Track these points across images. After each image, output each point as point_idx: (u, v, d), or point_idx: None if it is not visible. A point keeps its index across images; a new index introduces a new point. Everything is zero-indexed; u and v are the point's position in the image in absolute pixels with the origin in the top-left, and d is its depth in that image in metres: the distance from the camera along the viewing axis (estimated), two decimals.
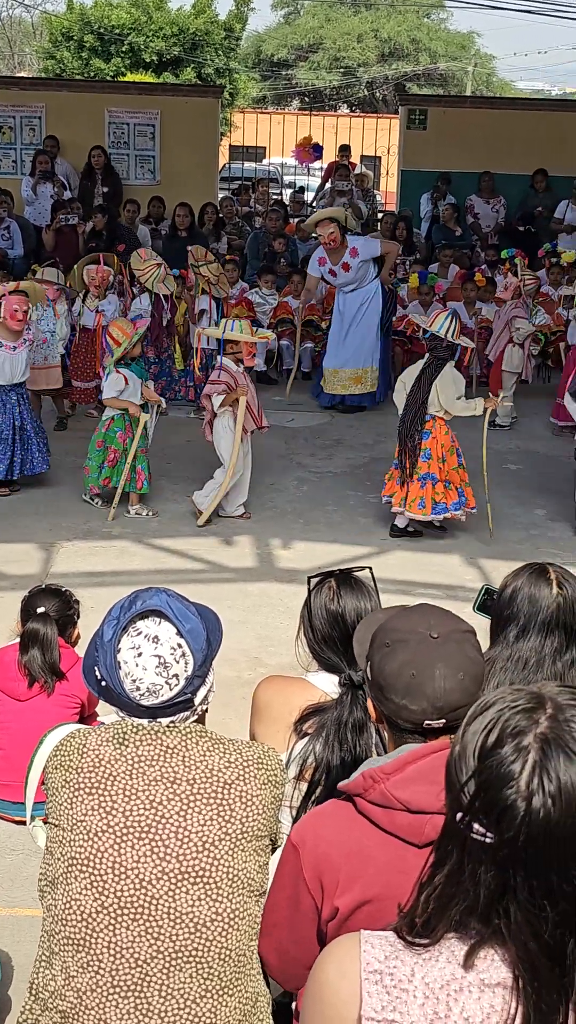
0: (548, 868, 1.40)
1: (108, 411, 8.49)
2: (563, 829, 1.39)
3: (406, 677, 2.19)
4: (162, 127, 16.44)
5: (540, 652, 3.16)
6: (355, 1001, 1.50)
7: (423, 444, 7.98)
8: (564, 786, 1.40)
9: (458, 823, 1.48)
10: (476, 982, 1.45)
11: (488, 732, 1.47)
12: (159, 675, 2.37)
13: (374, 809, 2.13)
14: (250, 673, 6.04)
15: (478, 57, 44.38)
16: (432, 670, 2.17)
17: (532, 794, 1.41)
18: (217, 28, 31.30)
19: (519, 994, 1.42)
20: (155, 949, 2.28)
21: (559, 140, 15.80)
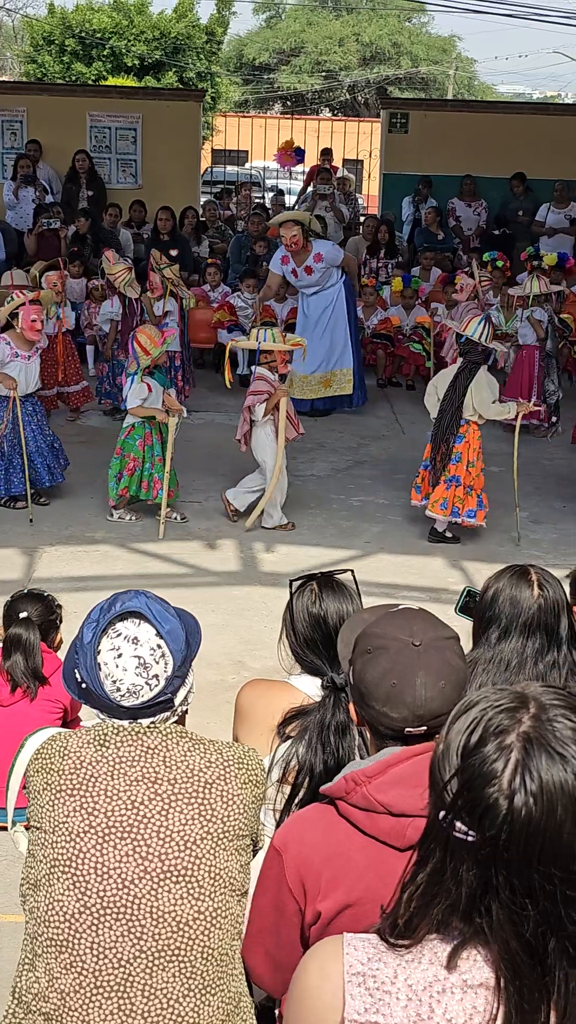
0: (530, 867, 1.40)
1: (128, 418, 8.39)
2: (544, 828, 1.40)
3: (387, 686, 2.18)
4: (144, 131, 16.43)
5: (522, 653, 3.18)
6: (338, 1003, 1.50)
7: (456, 448, 8.09)
8: (546, 785, 1.40)
9: (441, 821, 1.48)
10: (459, 983, 1.46)
11: (471, 731, 1.48)
12: (139, 676, 2.38)
13: (356, 812, 2.13)
14: (234, 677, 6.04)
15: (459, 61, 44.49)
16: (413, 679, 2.16)
17: (514, 793, 1.41)
18: (199, 32, 31.33)
19: (501, 994, 1.42)
20: (138, 949, 2.29)
21: (540, 143, 15.85)
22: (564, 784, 1.40)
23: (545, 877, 1.39)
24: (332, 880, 2.13)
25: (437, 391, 8.19)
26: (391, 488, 9.47)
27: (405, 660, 2.18)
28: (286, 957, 2.22)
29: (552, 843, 1.39)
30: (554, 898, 1.39)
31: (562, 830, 1.39)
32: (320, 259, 10.84)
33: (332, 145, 18.63)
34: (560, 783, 1.40)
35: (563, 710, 1.46)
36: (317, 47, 41.15)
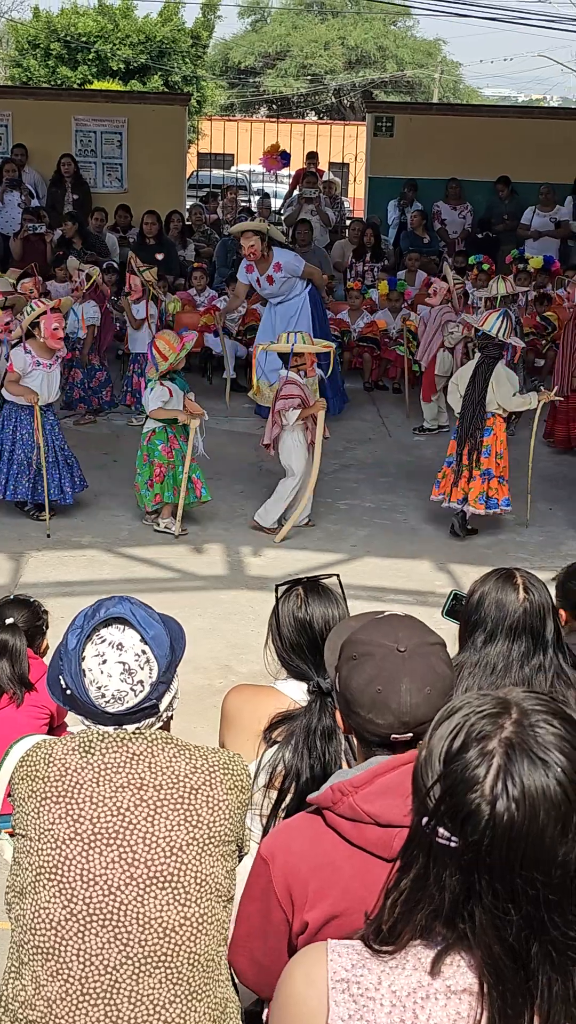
0: (512, 872, 1.41)
1: (149, 423, 8.34)
2: (527, 833, 1.40)
3: (372, 692, 2.17)
4: (129, 135, 16.43)
5: (507, 657, 3.18)
6: (322, 1010, 1.50)
7: (485, 441, 8.24)
8: (528, 790, 1.41)
9: (423, 827, 1.49)
10: (442, 989, 1.46)
11: (454, 737, 1.48)
12: (124, 682, 2.38)
13: (343, 822, 2.13)
14: (221, 681, 6.04)
15: (444, 64, 44.61)
16: (398, 685, 2.16)
17: (496, 798, 1.42)
18: (184, 36, 31.36)
19: (484, 999, 1.43)
20: (124, 955, 2.29)
21: (525, 147, 15.89)
22: (546, 789, 1.40)
23: (527, 882, 1.40)
24: (319, 891, 2.13)
25: (459, 388, 8.35)
26: (378, 491, 9.49)
27: (390, 667, 2.17)
28: (271, 962, 2.22)
29: (534, 848, 1.39)
30: (536, 903, 1.40)
31: (544, 835, 1.39)
32: (279, 268, 10.85)
33: (318, 148, 18.65)
34: (542, 788, 1.40)
35: (545, 715, 1.47)
36: (302, 51, 41.21)
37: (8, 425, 8.39)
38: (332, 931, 2.09)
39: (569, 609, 4.54)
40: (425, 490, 9.55)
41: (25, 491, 8.36)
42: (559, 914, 1.40)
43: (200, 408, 8.42)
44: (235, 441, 10.81)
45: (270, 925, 2.21)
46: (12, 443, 8.37)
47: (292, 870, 2.16)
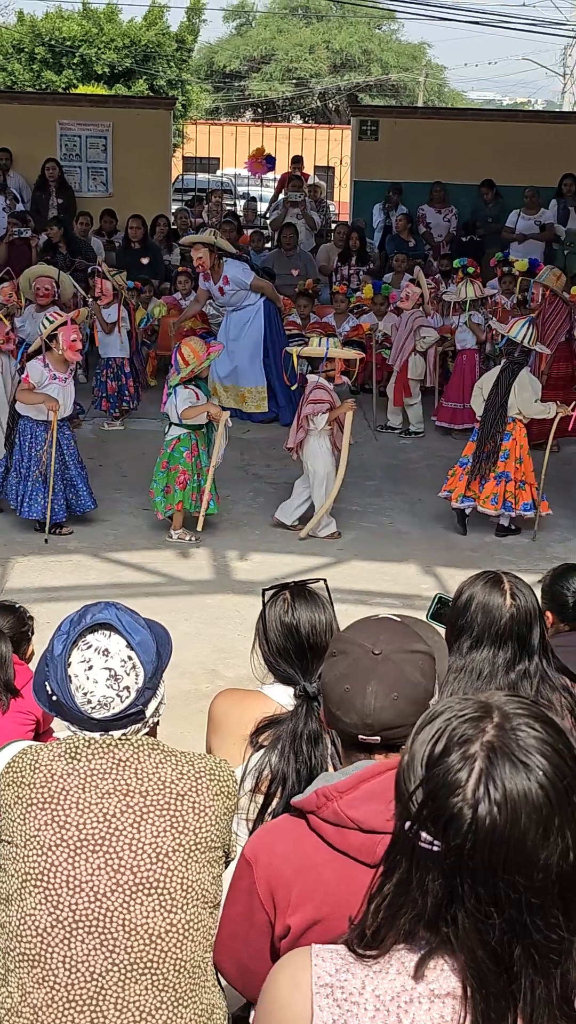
0: (495, 875, 1.41)
1: (174, 430, 8.25)
2: (509, 836, 1.40)
3: (340, 690, 2.19)
4: (114, 139, 16.42)
5: (493, 663, 3.19)
6: (306, 1015, 1.50)
7: (504, 445, 8.37)
8: (510, 794, 1.41)
9: (406, 832, 1.49)
10: (426, 993, 1.46)
11: (436, 741, 1.48)
12: (110, 688, 2.38)
13: (326, 827, 2.13)
14: (207, 686, 6.03)
15: (429, 68, 44.67)
16: (364, 686, 2.17)
17: (478, 802, 1.42)
18: (169, 40, 31.32)
19: (468, 1002, 1.43)
20: (110, 962, 2.28)
21: (509, 150, 15.93)
22: (528, 793, 1.41)
23: (510, 885, 1.40)
24: (302, 894, 2.13)
25: (482, 392, 8.49)
26: (364, 495, 9.49)
27: (360, 667, 2.19)
28: (255, 964, 2.23)
29: (516, 852, 1.40)
30: (519, 906, 1.40)
31: (526, 838, 1.40)
32: (227, 282, 10.94)
33: (303, 152, 18.69)
34: (524, 792, 1.41)
35: (526, 719, 1.47)
36: (287, 54, 41.22)
37: (24, 442, 8.24)
38: (315, 936, 2.09)
39: (555, 611, 4.56)
40: (411, 493, 9.59)
41: (40, 510, 8.17)
42: (541, 917, 1.40)
43: (224, 412, 8.31)
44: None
45: (253, 927, 2.21)
46: (28, 460, 8.21)
47: (275, 872, 2.16)
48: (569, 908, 1.42)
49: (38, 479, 8.15)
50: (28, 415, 8.20)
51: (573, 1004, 1.43)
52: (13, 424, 8.33)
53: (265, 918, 2.19)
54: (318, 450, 8.42)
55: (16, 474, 8.25)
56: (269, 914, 2.18)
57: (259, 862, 2.19)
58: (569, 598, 4.46)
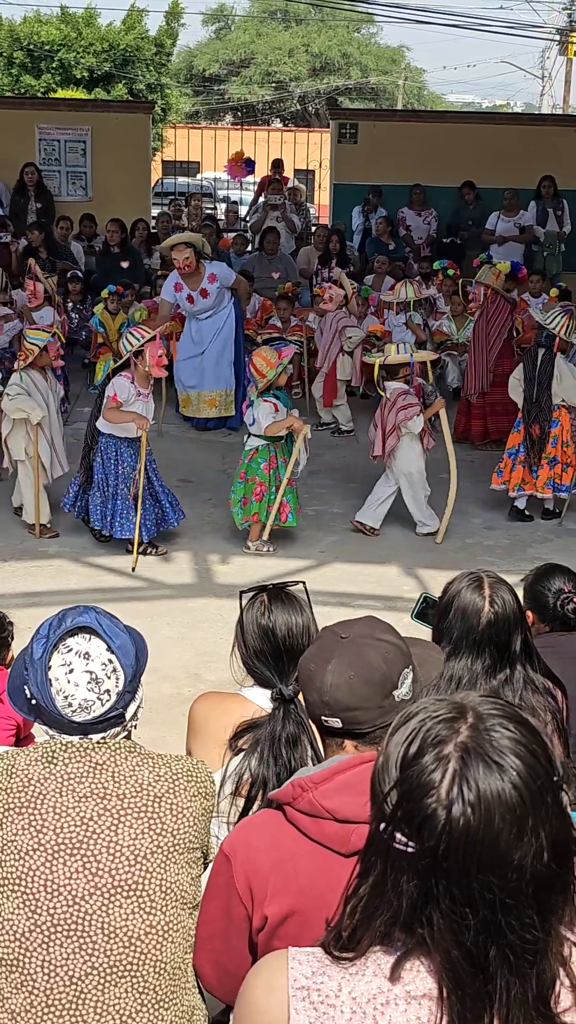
0: (469, 876, 1.41)
1: (252, 441, 8.20)
2: (483, 837, 1.41)
3: (307, 669, 2.29)
4: (93, 143, 16.40)
5: (472, 670, 3.18)
6: (283, 1018, 1.50)
7: (552, 432, 8.79)
8: (483, 795, 1.41)
9: (381, 833, 1.49)
10: (402, 994, 1.46)
11: (410, 742, 1.49)
12: (91, 691, 2.38)
13: (302, 818, 2.15)
14: (189, 689, 6.03)
15: (408, 71, 44.78)
16: (325, 664, 2.25)
17: (452, 803, 1.42)
18: (148, 44, 31.31)
19: (444, 1003, 1.43)
20: (89, 966, 2.28)
21: (489, 152, 15.96)
22: (501, 793, 1.41)
23: (484, 886, 1.40)
24: (279, 885, 2.15)
25: (520, 383, 8.88)
26: (346, 497, 9.50)
27: (326, 647, 2.29)
28: (234, 963, 2.24)
29: (490, 852, 1.40)
30: (493, 907, 1.40)
31: (500, 839, 1.40)
32: (215, 279, 10.86)
33: (283, 155, 18.68)
34: (497, 792, 1.41)
35: (500, 719, 1.47)
36: (267, 58, 41.27)
37: (108, 460, 8.05)
38: (292, 927, 2.11)
39: (536, 611, 4.56)
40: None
41: (132, 528, 8.00)
42: (516, 918, 1.41)
43: (304, 424, 8.28)
44: (202, 448, 10.81)
45: (232, 924, 2.22)
46: (116, 479, 8.03)
47: (253, 865, 2.18)
48: (544, 909, 1.42)
49: (127, 498, 8.02)
50: (112, 433, 8.01)
51: (549, 1004, 1.44)
52: (92, 442, 8.12)
53: (243, 912, 2.20)
54: (411, 453, 8.56)
55: (100, 493, 8.03)
56: (247, 907, 2.19)
57: (237, 856, 2.21)
58: (550, 599, 4.47)
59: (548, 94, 44.11)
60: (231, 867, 2.21)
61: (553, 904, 1.43)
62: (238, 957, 2.23)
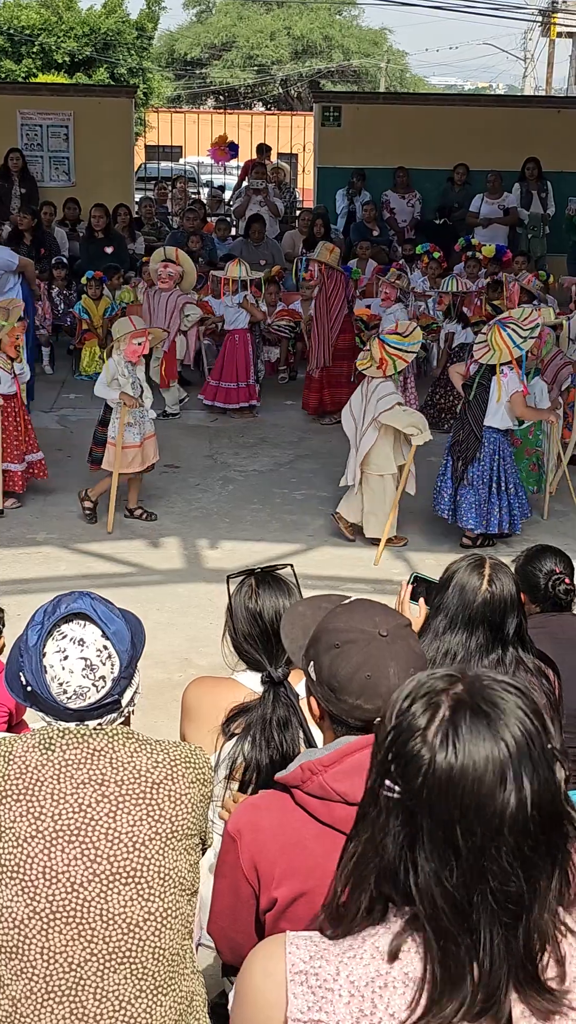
0: (452, 819, 1.43)
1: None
2: (464, 779, 1.42)
3: (361, 678, 2.19)
4: (76, 128, 16.31)
5: (467, 647, 3.20)
6: (281, 1003, 1.51)
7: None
8: (467, 738, 1.44)
9: (372, 783, 1.51)
10: (400, 977, 1.46)
11: (409, 697, 1.52)
12: (86, 677, 2.37)
13: (312, 801, 2.15)
14: (180, 675, 6.03)
15: (391, 54, 44.64)
16: (386, 670, 2.18)
17: (436, 745, 1.45)
18: (129, 28, 31.11)
19: (427, 954, 1.44)
20: (88, 952, 2.28)
21: (472, 134, 15.93)
22: (487, 739, 1.43)
23: (467, 829, 1.42)
24: (287, 868, 2.17)
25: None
26: (333, 480, 9.47)
27: (376, 651, 2.20)
28: (242, 938, 2.27)
29: (472, 796, 1.42)
30: (476, 852, 1.42)
31: (482, 783, 1.42)
32: None
33: (266, 139, 18.62)
34: (483, 738, 1.43)
35: (498, 682, 1.50)
36: (248, 41, 41.08)
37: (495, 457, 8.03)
38: (301, 908, 2.13)
39: (527, 592, 4.58)
40: None
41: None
42: (497, 865, 1.42)
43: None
44: (188, 434, 10.79)
45: (239, 900, 2.25)
46: (505, 474, 8.05)
47: (260, 848, 2.19)
48: (527, 865, 1.43)
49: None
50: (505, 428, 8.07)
51: (536, 964, 1.44)
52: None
53: (250, 891, 2.23)
54: None
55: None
56: (254, 887, 2.21)
57: (243, 837, 2.22)
58: (541, 579, 4.48)
59: (531, 75, 44.05)
60: (237, 848, 2.23)
61: (536, 861, 1.43)
62: (245, 931, 2.28)
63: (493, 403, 7.90)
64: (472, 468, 7.93)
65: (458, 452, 8.01)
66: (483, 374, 7.94)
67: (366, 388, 8.05)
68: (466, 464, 7.94)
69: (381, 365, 7.89)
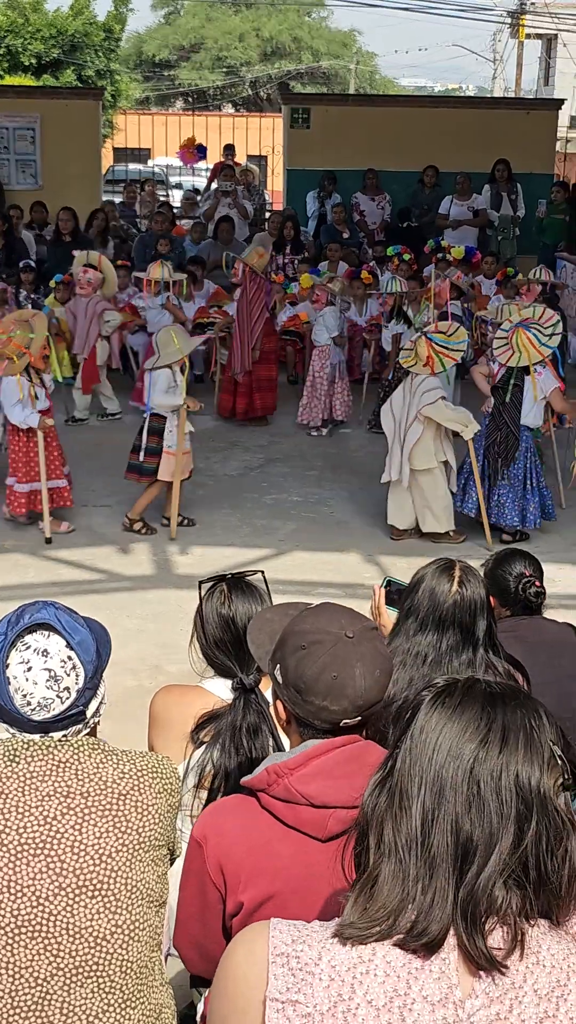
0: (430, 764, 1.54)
1: None
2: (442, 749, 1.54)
3: (327, 679, 2.19)
4: (43, 131, 16.27)
5: (438, 648, 3.19)
6: (261, 984, 1.52)
7: None
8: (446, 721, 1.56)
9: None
10: (382, 964, 1.49)
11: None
12: (50, 689, 2.34)
13: (277, 804, 2.15)
14: (151, 682, 6.00)
15: (360, 55, 44.76)
16: (352, 670, 2.19)
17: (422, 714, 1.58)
18: (96, 29, 31.01)
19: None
20: (55, 967, 2.26)
21: (442, 136, 15.98)
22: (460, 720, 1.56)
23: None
24: (253, 872, 2.16)
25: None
26: (304, 485, 9.49)
27: (342, 652, 2.20)
28: (212, 944, 2.26)
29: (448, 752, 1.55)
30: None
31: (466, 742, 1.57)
32: None
33: (235, 141, 18.61)
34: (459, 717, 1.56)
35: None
36: (217, 43, 41.12)
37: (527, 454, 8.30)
38: (268, 912, 2.11)
39: (497, 596, 4.57)
40: (352, 481, 9.59)
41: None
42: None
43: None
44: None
45: (207, 906, 2.25)
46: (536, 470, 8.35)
47: (226, 851, 2.19)
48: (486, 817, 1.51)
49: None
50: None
51: (480, 929, 1.48)
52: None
53: (217, 895, 2.22)
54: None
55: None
56: (221, 891, 2.21)
57: (208, 841, 2.22)
58: (511, 583, 4.49)
59: (500, 77, 44.23)
60: (203, 853, 2.22)
61: (497, 824, 1.49)
62: (215, 937, 2.26)
63: (529, 402, 8.23)
64: (512, 467, 8.26)
65: (497, 452, 8.28)
66: (516, 375, 8.18)
67: (409, 385, 8.23)
68: (507, 464, 8.21)
69: (428, 363, 8.13)
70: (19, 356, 8.09)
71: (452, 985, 1.47)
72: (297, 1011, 1.49)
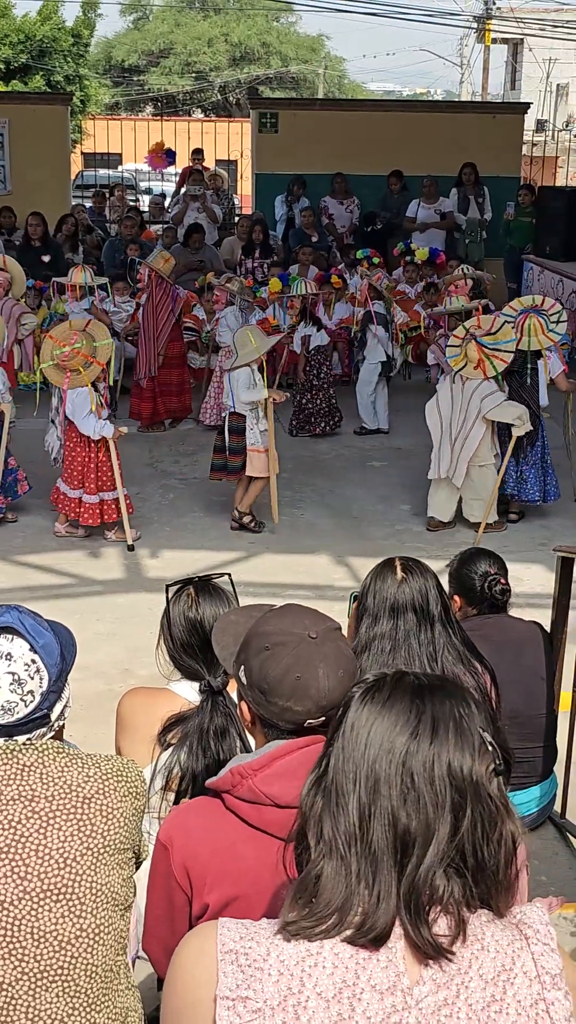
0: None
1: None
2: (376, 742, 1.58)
3: (291, 680, 2.19)
4: (11, 136, 16.20)
5: (394, 636, 3.19)
6: (211, 982, 1.53)
7: None
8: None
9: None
10: (330, 957, 1.50)
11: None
12: (13, 692, 2.34)
13: (242, 805, 2.16)
14: (121, 685, 5.98)
15: (328, 60, 44.87)
16: (316, 671, 2.19)
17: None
18: (65, 34, 30.99)
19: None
20: (20, 971, 2.25)
21: (409, 140, 16.03)
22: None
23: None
24: (219, 873, 2.16)
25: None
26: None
27: (306, 653, 2.20)
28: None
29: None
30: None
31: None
32: None
33: (204, 146, 18.59)
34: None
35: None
36: (186, 48, 41.12)
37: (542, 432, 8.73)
38: (234, 913, 2.11)
39: (463, 595, 4.60)
40: (322, 484, 9.61)
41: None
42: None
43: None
44: (128, 442, 10.70)
45: (174, 908, 2.24)
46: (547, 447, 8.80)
47: (191, 853, 2.19)
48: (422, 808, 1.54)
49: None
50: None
51: (424, 918, 1.50)
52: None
53: (184, 897, 2.22)
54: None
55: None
56: (187, 893, 2.21)
57: (174, 844, 2.21)
58: (477, 581, 4.51)
59: (467, 81, 44.43)
60: (169, 855, 2.22)
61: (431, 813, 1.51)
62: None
63: (543, 384, 8.71)
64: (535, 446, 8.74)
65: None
66: (530, 358, 8.60)
67: (460, 388, 8.50)
68: (532, 443, 8.66)
69: (479, 366, 8.35)
70: (86, 366, 8.04)
71: (400, 973, 1.49)
72: (247, 1007, 1.50)
